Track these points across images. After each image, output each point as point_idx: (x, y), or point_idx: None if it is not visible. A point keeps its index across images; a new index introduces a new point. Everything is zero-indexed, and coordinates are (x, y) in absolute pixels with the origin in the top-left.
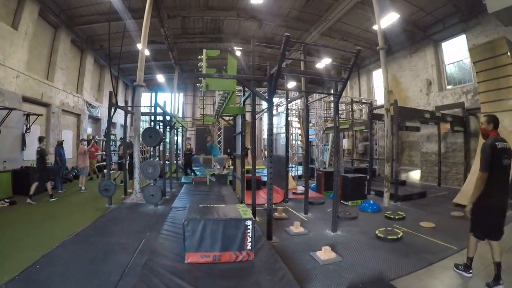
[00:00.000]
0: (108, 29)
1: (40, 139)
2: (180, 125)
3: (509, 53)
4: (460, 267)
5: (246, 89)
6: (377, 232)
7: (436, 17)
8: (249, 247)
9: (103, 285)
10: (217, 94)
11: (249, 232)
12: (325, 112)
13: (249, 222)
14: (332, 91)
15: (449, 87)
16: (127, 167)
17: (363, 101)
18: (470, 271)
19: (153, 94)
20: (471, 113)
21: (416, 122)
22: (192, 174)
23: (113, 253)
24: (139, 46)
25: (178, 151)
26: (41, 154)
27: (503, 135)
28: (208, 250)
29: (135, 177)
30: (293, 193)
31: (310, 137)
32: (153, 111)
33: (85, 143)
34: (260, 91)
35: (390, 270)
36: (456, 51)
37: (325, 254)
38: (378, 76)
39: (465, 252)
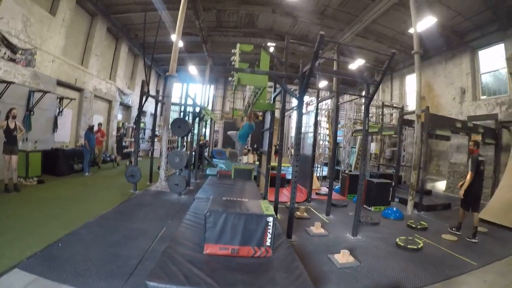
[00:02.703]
0: (144, 19)
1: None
2: (209, 117)
3: None
4: (453, 229)
5: (277, 85)
6: (397, 240)
7: (474, 23)
8: (268, 244)
9: (122, 268)
10: (247, 89)
11: (269, 229)
12: (355, 114)
13: (270, 219)
14: (363, 93)
15: (483, 97)
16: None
17: (394, 105)
18: (460, 231)
19: (185, 85)
20: (504, 126)
21: (447, 131)
22: (201, 166)
23: (134, 237)
24: (173, 37)
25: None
26: (121, 137)
27: None
28: (227, 243)
29: (162, 166)
30: (317, 193)
31: (338, 138)
32: (183, 101)
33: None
34: (291, 88)
35: (407, 280)
36: (492, 60)
37: (343, 257)
38: (411, 81)
39: (485, 269)
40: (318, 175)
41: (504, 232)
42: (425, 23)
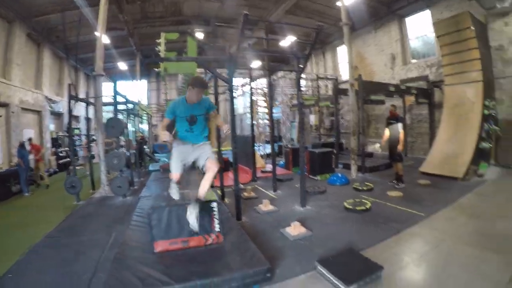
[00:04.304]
0: (63, 19)
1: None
2: (145, 112)
3: (472, 27)
4: (399, 184)
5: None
6: (345, 204)
7: None
8: (217, 229)
9: (76, 285)
10: (180, 78)
11: (215, 214)
12: (291, 89)
13: (214, 204)
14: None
15: (413, 61)
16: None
17: (328, 77)
18: (403, 183)
19: (117, 83)
20: (435, 86)
21: (381, 96)
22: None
23: (85, 251)
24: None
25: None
26: None
27: (467, 106)
28: (176, 237)
29: (101, 169)
30: (262, 171)
31: (276, 115)
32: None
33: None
34: (224, 72)
35: (360, 241)
36: (420, 26)
37: (294, 230)
38: (342, 52)
39: (434, 218)
40: (261, 153)
41: (445, 181)
42: None
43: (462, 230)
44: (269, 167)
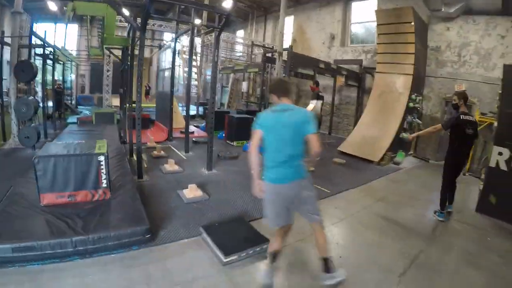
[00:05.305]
0: None
1: None
2: (68, 59)
3: (412, 23)
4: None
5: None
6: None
7: None
8: (104, 185)
9: None
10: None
11: (102, 169)
12: (225, 52)
13: (101, 158)
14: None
15: (351, 44)
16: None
17: (265, 45)
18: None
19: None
20: (367, 71)
21: (310, 71)
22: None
23: None
24: None
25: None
26: None
27: (394, 95)
28: (62, 190)
29: (12, 118)
30: (181, 132)
31: (208, 77)
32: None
33: None
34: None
35: (256, 210)
36: (364, 12)
37: (190, 192)
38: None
39: (338, 197)
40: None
41: (360, 163)
42: None
43: (364, 213)
44: (192, 129)
